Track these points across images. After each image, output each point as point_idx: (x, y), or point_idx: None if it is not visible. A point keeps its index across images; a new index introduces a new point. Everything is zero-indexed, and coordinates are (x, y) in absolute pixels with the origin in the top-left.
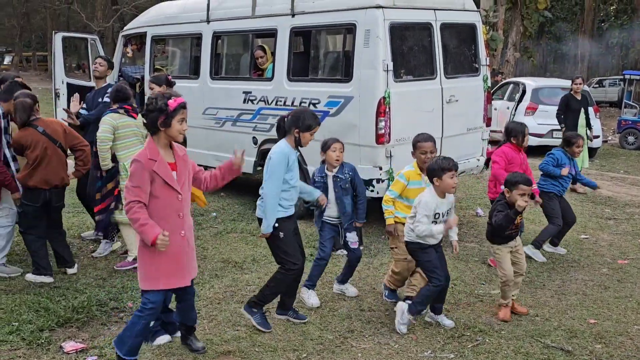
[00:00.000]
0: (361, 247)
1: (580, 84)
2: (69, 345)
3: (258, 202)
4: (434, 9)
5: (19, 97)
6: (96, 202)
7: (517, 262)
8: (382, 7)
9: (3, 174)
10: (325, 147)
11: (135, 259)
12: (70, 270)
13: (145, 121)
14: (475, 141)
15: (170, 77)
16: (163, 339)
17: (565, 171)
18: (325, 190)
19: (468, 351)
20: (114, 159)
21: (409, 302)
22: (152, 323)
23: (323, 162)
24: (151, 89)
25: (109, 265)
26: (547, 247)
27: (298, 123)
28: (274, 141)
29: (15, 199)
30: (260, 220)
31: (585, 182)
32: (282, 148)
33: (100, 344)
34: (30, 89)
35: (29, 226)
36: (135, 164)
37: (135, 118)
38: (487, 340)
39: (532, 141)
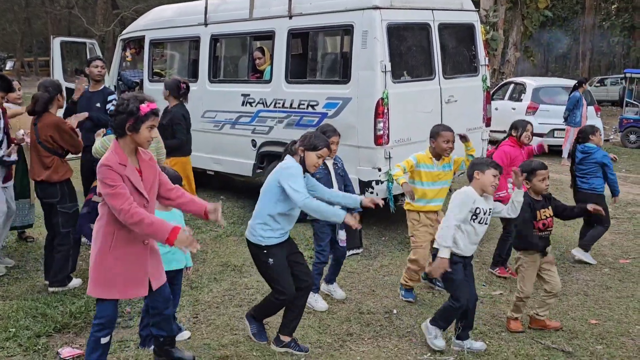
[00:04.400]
0: (361, 250)
1: None
2: (66, 351)
3: (250, 221)
4: (432, 9)
5: (40, 89)
6: None
7: (549, 281)
8: (379, 7)
9: None
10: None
11: None
12: (50, 288)
13: (112, 123)
14: (475, 141)
15: (182, 85)
16: None
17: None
18: (328, 183)
19: (468, 353)
20: None
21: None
22: (104, 339)
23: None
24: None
25: None
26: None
27: (304, 141)
28: (273, 144)
29: None
30: (247, 241)
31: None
32: (293, 161)
33: None
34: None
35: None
36: (104, 169)
37: None
38: (487, 342)
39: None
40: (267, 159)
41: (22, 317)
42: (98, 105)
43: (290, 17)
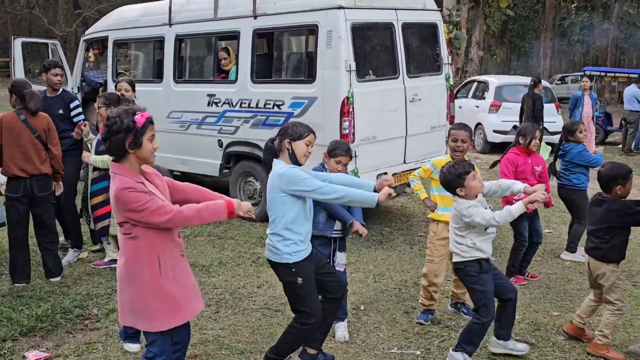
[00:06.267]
0: None
1: None
2: (32, 355)
3: (267, 241)
4: (395, 9)
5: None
6: (96, 205)
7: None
8: (343, 7)
9: None
10: (332, 154)
11: (112, 260)
12: (54, 279)
13: (107, 147)
14: (439, 139)
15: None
16: (134, 347)
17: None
18: None
19: (434, 347)
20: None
21: (457, 343)
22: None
23: (323, 166)
24: (98, 107)
25: (73, 272)
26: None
27: (287, 132)
28: (239, 143)
29: None
30: (270, 262)
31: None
32: (283, 164)
33: (65, 352)
34: None
35: (12, 223)
36: (125, 191)
37: None
38: (453, 336)
39: (496, 138)
40: (233, 159)
41: None
42: (61, 112)
43: (255, 17)
